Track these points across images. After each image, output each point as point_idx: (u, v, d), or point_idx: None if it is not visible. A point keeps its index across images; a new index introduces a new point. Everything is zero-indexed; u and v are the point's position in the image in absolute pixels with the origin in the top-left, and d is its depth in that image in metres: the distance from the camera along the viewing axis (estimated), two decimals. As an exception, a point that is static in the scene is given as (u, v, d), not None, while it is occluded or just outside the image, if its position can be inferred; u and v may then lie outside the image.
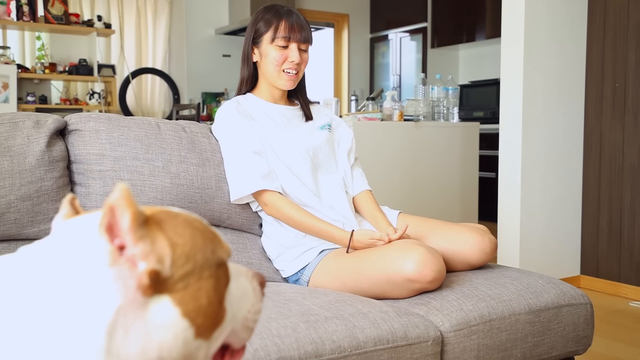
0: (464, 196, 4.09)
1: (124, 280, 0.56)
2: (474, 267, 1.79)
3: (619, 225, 3.43)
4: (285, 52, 1.88)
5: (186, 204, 1.82)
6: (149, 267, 0.57)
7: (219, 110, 1.95)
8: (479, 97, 6.06)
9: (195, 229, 0.63)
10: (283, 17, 1.89)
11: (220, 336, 0.65)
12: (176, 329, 0.58)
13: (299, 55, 1.89)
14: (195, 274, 0.61)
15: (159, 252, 0.58)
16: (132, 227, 0.57)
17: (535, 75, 3.35)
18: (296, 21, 1.89)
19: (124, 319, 0.56)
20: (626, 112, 3.38)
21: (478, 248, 1.74)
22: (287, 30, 1.87)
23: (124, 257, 0.57)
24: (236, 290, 0.67)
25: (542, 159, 3.42)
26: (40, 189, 1.63)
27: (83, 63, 5.58)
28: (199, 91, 6.69)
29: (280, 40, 1.87)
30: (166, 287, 0.59)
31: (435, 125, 4.03)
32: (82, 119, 1.79)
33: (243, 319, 0.68)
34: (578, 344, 1.70)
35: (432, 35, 6.82)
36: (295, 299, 1.48)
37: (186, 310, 0.59)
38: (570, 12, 3.47)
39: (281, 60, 1.88)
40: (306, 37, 1.90)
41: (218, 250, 0.65)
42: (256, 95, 1.98)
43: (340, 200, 1.92)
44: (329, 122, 2.04)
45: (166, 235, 0.60)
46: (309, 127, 1.99)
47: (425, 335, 1.42)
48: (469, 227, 1.80)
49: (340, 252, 1.75)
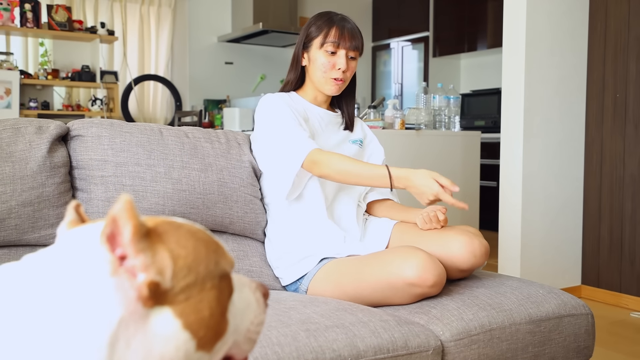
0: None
1: (125, 291, 0.56)
2: (464, 272, 1.73)
3: (620, 235, 3.42)
4: (333, 59, 1.88)
5: (188, 209, 1.82)
6: (149, 278, 0.57)
7: (264, 98, 1.92)
8: (480, 106, 6.07)
9: (198, 240, 0.63)
10: (335, 23, 1.89)
11: (223, 348, 0.64)
12: (177, 341, 0.58)
13: (346, 63, 1.89)
14: (197, 285, 0.60)
15: (159, 264, 0.58)
16: (133, 239, 0.57)
17: (536, 85, 3.35)
18: (348, 28, 1.89)
19: (126, 331, 0.56)
20: (627, 123, 3.38)
21: (467, 250, 1.67)
22: (337, 36, 1.87)
23: (123, 268, 0.57)
24: (239, 301, 0.67)
25: (543, 169, 3.42)
26: (41, 195, 1.64)
27: (86, 69, 5.59)
28: (201, 98, 6.71)
29: (329, 45, 1.87)
30: (167, 299, 0.58)
31: (436, 134, 4.03)
32: (84, 124, 1.80)
33: (246, 331, 0.68)
34: (579, 355, 1.70)
35: (434, 44, 6.83)
36: (296, 307, 1.48)
37: (188, 322, 0.59)
38: (571, 23, 3.48)
39: (329, 67, 1.88)
40: (356, 45, 1.89)
41: (221, 262, 0.64)
42: (300, 96, 1.98)
43: (349, 216, 1.93)
44: (362, 137, 2.05)
45: (168, 247, 0.60)
46: (342, 137, 2.00)
47: (426, 345, 1.42)
48: (458, 229, 1.76)
49: (340, 260, 1.75)
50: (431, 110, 4.16)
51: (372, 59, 7.65)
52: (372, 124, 3.89)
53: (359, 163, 1.78)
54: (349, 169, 1.76)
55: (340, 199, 1.93)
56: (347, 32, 1.88)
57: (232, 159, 1.94)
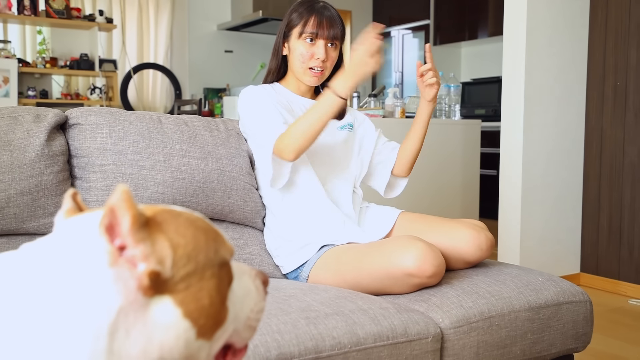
0: (465, 193, 4.09)
1: (125, 281, 0.56)
2: (470, 264, 1.77)
3: (619, 223, 3.43)
4: (312, 49, 1.86)
5: (187, 197, 1.82)
6: (149, 268, 0.57)
7: (245, 89, 1.90)
8: (480, 94, 6.06)
9: (197, 228, 0.63)
10: (314, 12, 1.86)
11: (223, 336, 0.64)
12: (177, 329, 0.58)
13: (325, 53, 1.86)
14: (197, 274, 0.60)
15: (159, 253, 0.58)
16: (132, 229, 0.56)
17: (536, 74, 3.34)
18: (326, 17, 1.86)
19: (126, 320, 0.56)
20: (627, 111, 3.37)
21: (474, 244, 1.71)
22: (315, 26, 1.84)
23: (123, 258, 0.57)
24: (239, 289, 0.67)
25: (543, 157, 3.42)
26: (40, 184, 1.63)
27: (84, 58, 5.57)
28: (201, 87, 6.69)
29: (307, 35, 1.85)
30: (167, 288, 0.58)
31: (437, 122, 4.03)
32: (82, 113, 1.79)
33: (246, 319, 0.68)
34: (577, 342, 1.70)
35: (435, 33, 6.81)
36: (296, 295, 1.48)
37: (188, 310, 0.59)
38: (572, 11, 3.46)
39: (308, 57, 1.86)
40: (335, 34, 1.86)
41: (221, 250, 0.64)
42: (283, 86, 1.97)
43: (346, 199, 1.92)
44: (351, 121, 2.03)
45: (167, 236, 0.59)
46: (331, 124, 1.97)
47: (425, 332, 1.42)
48: (465, 223, 1.79)
49: (340, 248, 1.75)
50: (431, 99, 4.14)
51: (372, 47, 7.61)
52: (372, 112, 3.88)
53: (306, 113, 1.73)
54: (303, 124, 1.70)
55: (334, 184, 1.92)
56: (325, 20, 1.85)
57: (231, 147, 1.94)
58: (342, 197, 1.92)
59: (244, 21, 6.39)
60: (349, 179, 1.96)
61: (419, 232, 1.79)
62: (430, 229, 1.79)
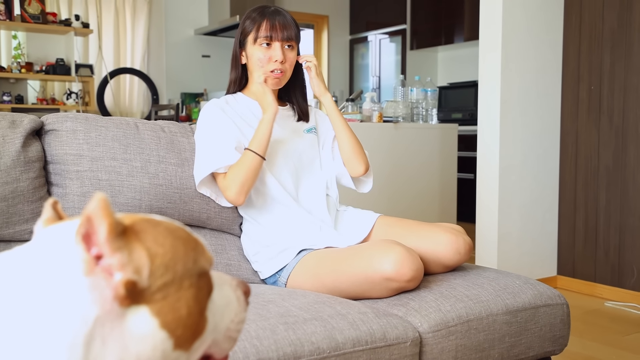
0: (442, 197, 4.11)
1: (101, 290, 0.56)
2: (448, 268, 1.78)
3: (595, 226, 3.47)
4: (268, 52, 1.87)
5: (165, 204, 1.81)
6: (125, 277, 0.56)
7: (206, 105, 1.92)
8: (457, 98, 6.11)
9: (176, 238, 0.62)
10: (266, 16, 1.87)
11: (201, 347, 0.64)
12: (154, 340, 0.58)
13: (282, 54, 1.87)
14: (174, 284, 0.60)
15: (136, 262, 0.57)
16: (108, 238, 0.56)
17: (512, 78, 3.38)
18: (279, 20, 1.87)
19: (102, 329, 0.55)
20: (601, 115, 3.42)
21: (452, 248, 1.72)
22: (269, 29, 1.86)
23: (100, 267, 0.56)
24: (219, 299, 0.66)
25: (520, 161, 3.45)
26: (15, 190, 1.61)
27: (60, 62, 5.52)
28: (178, 91, 6.66)
29: (262, 39, 1.86)
30: (144, 298, 0.58)
31: (414, 126, 4.05)
32: (59, 119, 1.77)
33: (226, 329, 0.67)
34: (554, 344, 1.72)
35: (411, 37, 6.85)
36: (274, 300, 1.48)
37: (165, 321, 0.58)
38: (547, 16, 3.51)
39: (265, 60, 1.87)
40: (289, 35, 1.88)
41: (200, 260, 0.64)
42: (246, 95, 1.97)
43: (319, 204, 1.92)
44: (314, 125, 2.04)
45: (145, 245, 0.59)
46: (297, 128, 1.98)
47: (404, 336, 1.42)
48: (443, 227, 1.80)
49: (318, 253, 1.75)
50: (409, 103, 4.17)
51: (350, 52, 7.65)
52: (350, 117, 3.90)
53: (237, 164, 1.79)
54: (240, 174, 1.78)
55: (305, 189, 1.93)
56: (278, 23, 1.87)
57: (209, 153, 1.93)
58: (315, 203, 1.92)
59: (221, 26, 6.38)
60: (320, 183, 1.96)
61: (397, 237, 1.79)
62: (409, 233, 1.80)
